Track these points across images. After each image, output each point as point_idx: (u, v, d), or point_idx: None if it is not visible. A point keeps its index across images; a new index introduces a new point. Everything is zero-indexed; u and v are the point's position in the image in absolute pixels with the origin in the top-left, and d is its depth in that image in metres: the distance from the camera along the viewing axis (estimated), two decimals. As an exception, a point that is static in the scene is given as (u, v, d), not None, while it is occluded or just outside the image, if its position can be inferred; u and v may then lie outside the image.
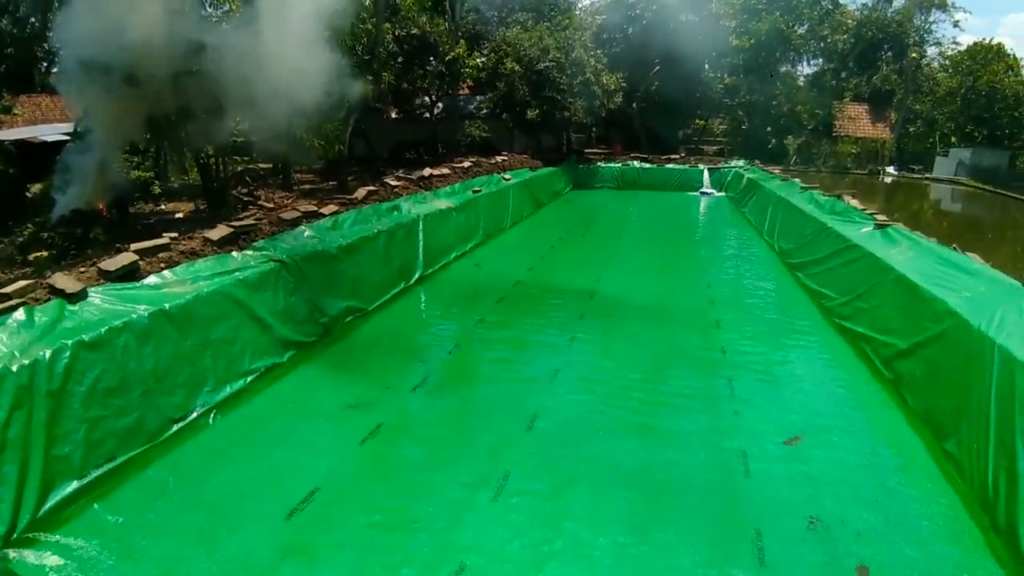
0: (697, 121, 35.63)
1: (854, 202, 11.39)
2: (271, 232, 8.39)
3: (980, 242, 18.16)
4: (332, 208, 10.03)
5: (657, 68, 28.52)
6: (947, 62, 32.28)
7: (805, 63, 32.68)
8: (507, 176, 17.66)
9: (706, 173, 24.38)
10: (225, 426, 5.69)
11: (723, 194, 23.16)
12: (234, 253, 7.30)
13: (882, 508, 4.68)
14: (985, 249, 16.82)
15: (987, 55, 30.16)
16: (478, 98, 28.37)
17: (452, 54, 21.45)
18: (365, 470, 5.11)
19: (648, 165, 25.66)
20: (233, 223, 8.12)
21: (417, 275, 10.67)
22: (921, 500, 4.83)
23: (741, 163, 24.38)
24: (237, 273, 6.86)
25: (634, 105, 28.75)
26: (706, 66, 30.70)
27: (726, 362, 7.39)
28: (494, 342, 8.07)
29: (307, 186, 17.82)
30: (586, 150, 29.10)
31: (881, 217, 9.79)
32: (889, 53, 31.95)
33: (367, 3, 12.62)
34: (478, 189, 14.90)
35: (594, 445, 5.50)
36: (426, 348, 7.84)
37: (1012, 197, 25.35)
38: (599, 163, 26.16)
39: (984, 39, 31.68)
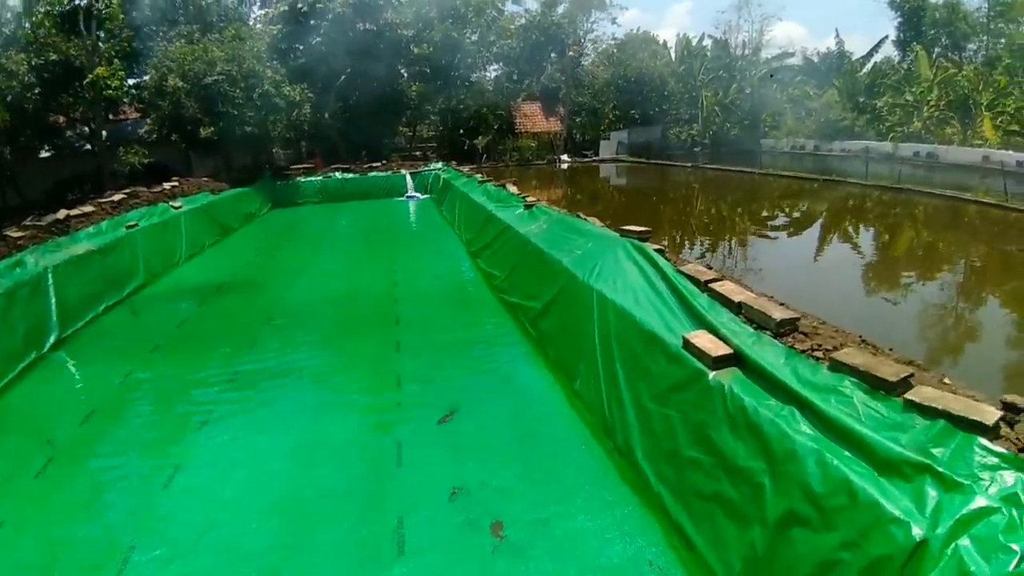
0: (403, 128, 36.46)
1: (513, 189, 12.65)
2: None
3: (642, 203, 22.30)
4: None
5: (344, 78, 28.25)
6: (601, 57, 38.40)
7: (484, 68, 35.93)
8: (177, 204, 15.51)
9: (408, 177, 24.97)
10: None
11: (428, 196, 23.99)
12: None
13: (521, 458, 5.05)
14: (648, 207, 20.89)
15: (635, 45, 36.76)
16: (147, 121, 24.84)
17: (92, 76, 18.26)
18: None
19: (351, 175, 25.27)
20: None
21: (53, 339, 8.60)
22: (556, 440, 5.33)
23: (439, 165, 25.60)
24: None
25: (327, 116, 28.08)
26: (404, 73, 31.56)
27: (398, 359, 7.41)
28: (137, 399, 6.80)
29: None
30: (292, 166, 27.47)
31: (531, 199, 10.98)
32: (553, 54, 36.90)
33: None
34: (134, 224, 12.73)
35: (240, 486, 4.89)
36: (55, 423, 6.25)
37: (660, 164, 32.04)
38: (299, 178, 24.87)
39: (634, 30, 38.71)
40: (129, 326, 9.72)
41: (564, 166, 34.13)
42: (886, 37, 38.69)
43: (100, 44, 20.69)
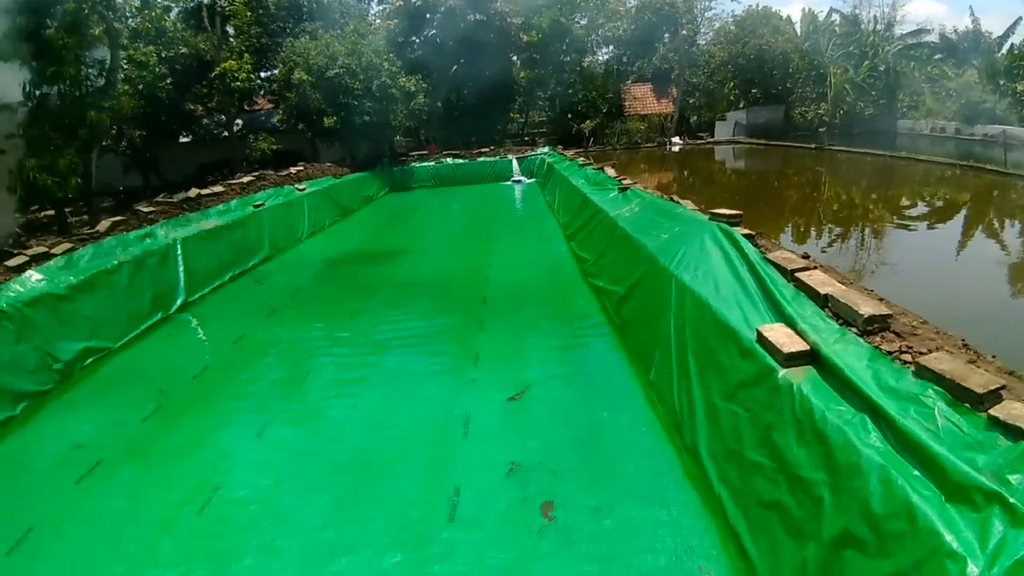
0: (514, 115, 36.73)
1: (611, 172, 12.33)
2: (-6, 283, 7.39)
3: (762, 187, 20.94)
4: (65, 247, 8.87)
5: (456, 68, 29.00)
6: (718, 35, 36.23)
7: (593, 52, 35.18)
8: (301, 186, 16.84)
9: (515, 162, 25.21)
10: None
11: (533, 180, 24.08)
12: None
13: (583, 444, 4.97)
14: (769, 192, 19.49)
15: (755, 21, 34.39)
16: (278, 111, 27.06)
17: (219, 69, 20.12)
18: (80, 504, 4.70)
19: (461, 160, 26.00)
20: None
21: (179, 302, 9.77)
22: (622, 429, 5.18)
23: (545, 150, 25.59)
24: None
25: (439, 104, 29.01)
26: (516, 60, 31.82)
27: (480, 337, 7.56)
28: (249, 357, 7.57)
29: (86, 227, 16.03)
30: (413, 152, 28.75)
31: (627, 181, 10.67)
32: (666, 35, 35.32)
33: (96, 32, 11.33)
34: (260, 203, 14.01)
35: (321, 440, 5.32)
36: (169, 377, 7.08)
37: (782, 145, 29.72)
38: (413, 164, 26.01)
39: (754, 6, 36.22)
40: (250, 294, 10.75)
41: (675, 149, 32.69)
42: (1020, 18, 33.00)
43: (231, 40, 22.65)
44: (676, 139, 33.84)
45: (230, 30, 23.73)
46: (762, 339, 3.87)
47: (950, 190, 19.15)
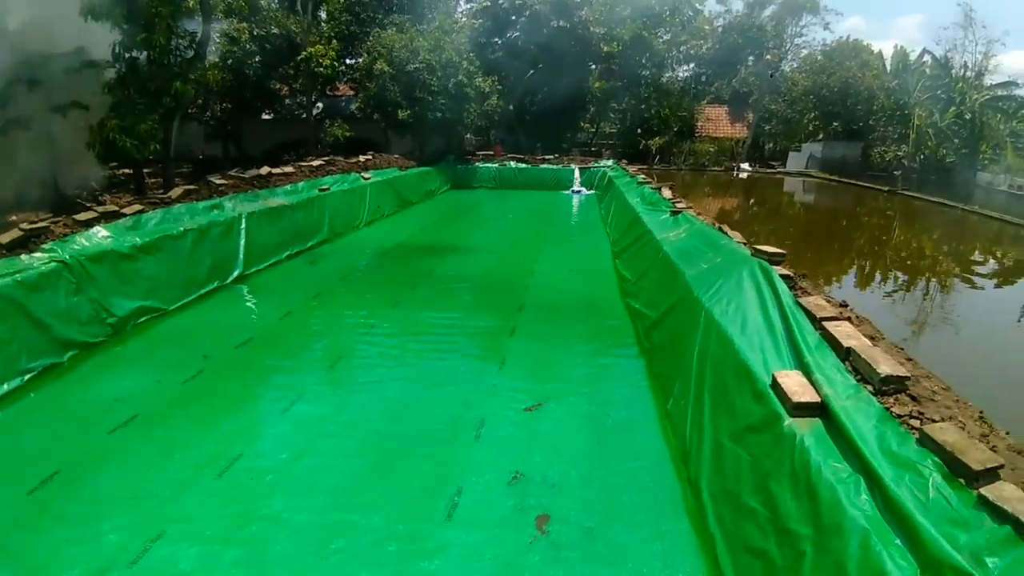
0: (584, 124, 36.69)
1: (667, 193, 12.22)
2: (63, 234, 8.00)
3: (829, 225, 20.20)
4: (136, 208, 9.55)
5: (532, 73, 29.27)
6: (804, 63, 35.06)
7: (673, 68, 34.72)
8: (367, 175, 17.46)
9: (577, 172, 25.26)
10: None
11: (593, 192, 24.06)
12: (23, 256, 7.03)
13: (590, 465, 5.00)
14: (835, 231, 18.71)
15: (844, 53, 33.14)
16: (357, 99, 27.96)
17: (305, 52, 20.99)
18: (108, 455, 5.04)
19: (524, 165, 26.27)
20: (24, 226, 7.71)
21: (236, 274, 10.36)
22: (632, 455, 5.16)
23: (609, 163, 25.51)
24: (17, 275, 6.59)
25: (511, 107, 29.37)
26: (594, 67, 31.81)
27: (509, 343, 7.70)
28: (291, 334, 7.98)
29: (160, 190, 17.12)
30: (479, 152, 29.19)
31: (681, 205, 10.56)
32: (750, 58, 34.44)
33: (190, 3, 12.07)
34: (326, 187, 14.64)
35: (340, 423, 5.58)
36: (215, 344, 7.54)
37: (853, 184, 28.50)
38: (477, 163, 26.47)
39: (843, 38, 34.89)
40: (303, 274, 11.30)
41: (743, 175, 31.87)
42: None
43: (322, 24, 23.50)
44: (745, 165, 33.00)
45: (322, 15, 24.67)
46: (776, 385, 3.82)
47: (1021, 252, 17.96)
